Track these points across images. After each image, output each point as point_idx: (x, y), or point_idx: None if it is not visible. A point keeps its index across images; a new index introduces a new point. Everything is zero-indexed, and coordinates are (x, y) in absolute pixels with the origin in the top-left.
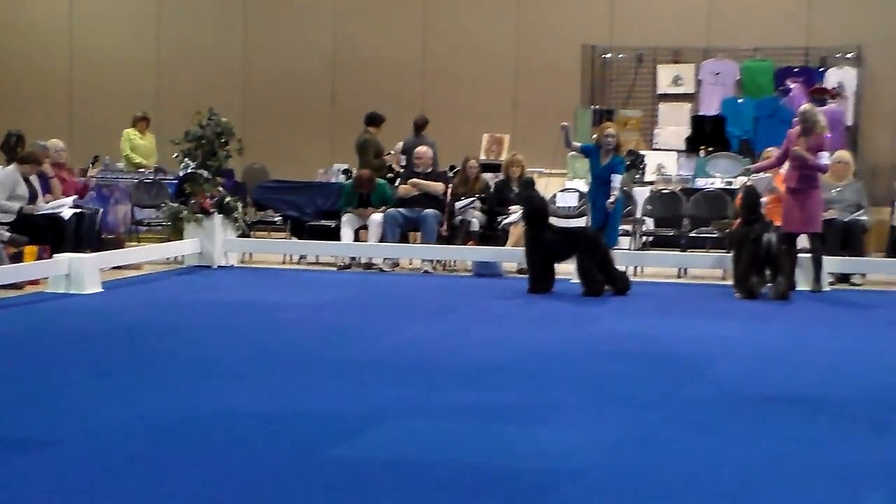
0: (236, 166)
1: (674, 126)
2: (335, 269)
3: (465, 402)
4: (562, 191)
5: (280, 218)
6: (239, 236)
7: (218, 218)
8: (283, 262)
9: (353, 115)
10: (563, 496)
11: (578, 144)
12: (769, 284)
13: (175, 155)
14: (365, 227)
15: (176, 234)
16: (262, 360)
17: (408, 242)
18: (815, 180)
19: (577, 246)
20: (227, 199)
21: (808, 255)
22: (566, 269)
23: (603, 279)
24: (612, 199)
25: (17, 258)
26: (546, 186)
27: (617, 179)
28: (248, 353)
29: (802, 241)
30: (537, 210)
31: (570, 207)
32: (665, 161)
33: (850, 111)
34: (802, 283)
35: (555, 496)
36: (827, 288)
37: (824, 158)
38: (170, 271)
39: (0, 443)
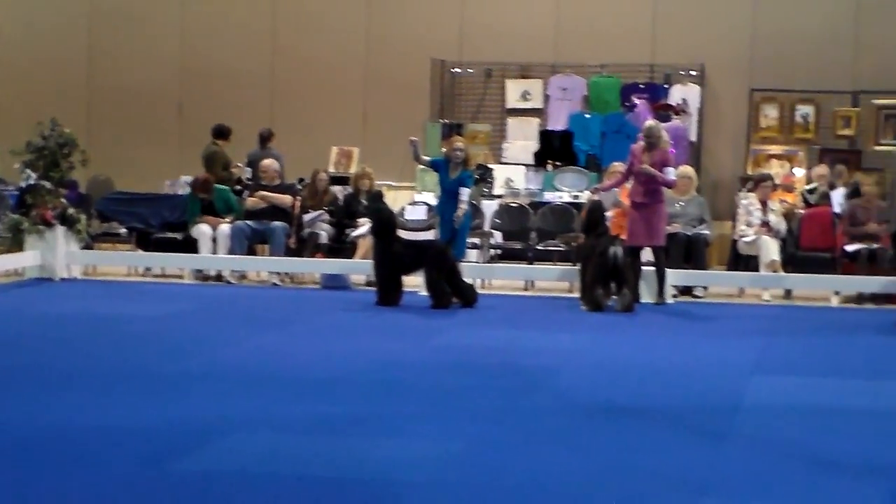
0: (81, 178)
1: (522, 140)
2: (193, 280)
3: (312, 414)
4: (411, 204)
5: (125, 230)
6: (82, 248)
7: (60, 229)
8: (129, 275)
9: (200, 126)
10: None
11: (427, 158)
12: (615, 297)
13: (17, 166)
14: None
15: (16, 246)
16: (103, 374)
17: (255, 255)
18: (660, 195)
19: (425, 258)
20: (70, 210)
21: (652, 268)
22: (414, 282)
23: (451, 292)
24: (460, 213)
25: None
26: (395, 199)
27: (465, 193)
28: (89, 366)
29: (647, 255)
30: (385, 223)
31: (418, 220)
32: (513, 175)
33: (693, 127)
34: (647, 296)
35: None
36: (670, 300)
37: (670, 174)
38: (9, 284)
39: None
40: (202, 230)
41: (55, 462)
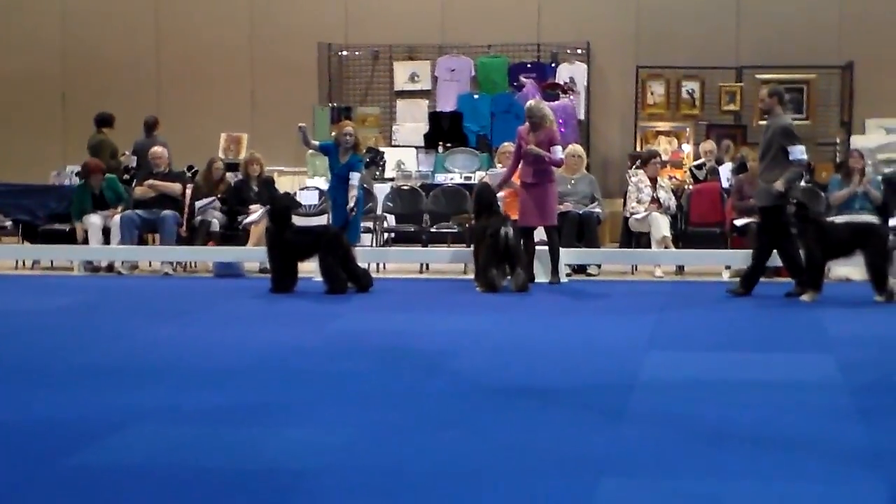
0: None
1: (412, 122)
2: (84, 272)
3: (208, 404)
4: (302, 189)
5: (10, 222)
6: None
7: None
8: (16, 268)
9: (85, 115)
10: (305, 496)
11: (317, 143)
12: (509, 278)
13: None
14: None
15: None
16: None
17: (146, 244)
18: (550, 174)
19: (319, 244)
20: None
21: (546, 247)
22: (309, 268)
23: (346, 277)
24: (352, 201)
25: None
26: (286, 185)
27: (356, 177)
28: None
29: (540, 234)
30: (281, 208)
31: (311, 206)
32: (404, 157)
33: (581, 105)
34: (542, 276)
35: (297, 496)
36: (565, 280)
37: (558, 152)
38: None
39: None
40: (92, 221)
41: None
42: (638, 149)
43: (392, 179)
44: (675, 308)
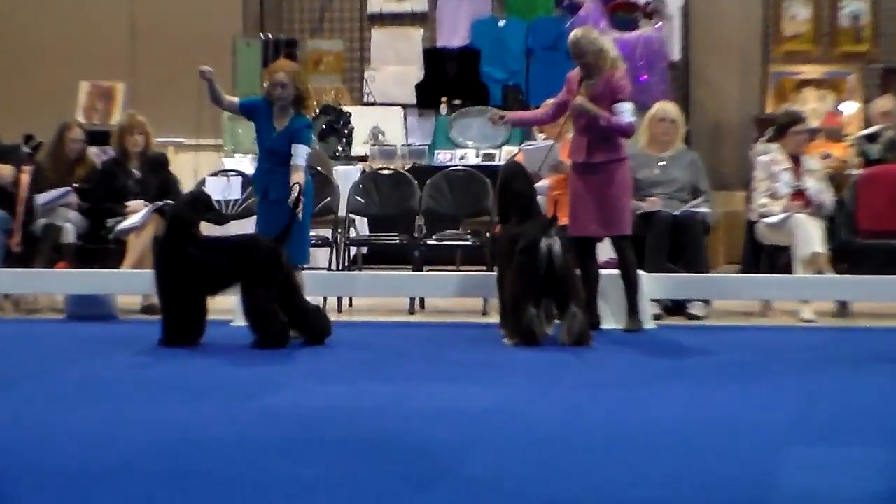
0: None
1: (396, 65)
2: None
3: None
4: (214, 175)
5: None
6: None
7: None
8: None
9: None
10: None
11: (235, 100)
12: (557, 321)
13: None
14: None
15: None
16: None
17: None
18: (616, 151)
19: (242, 267)
20: None
21: (616, 271)
22: (225, 306)
23: (286, 320)
24: (295, 189)
25: None
26: (188, 168)
27: (302, 154)
28: None
29: (607, 250)
30: (183, 207)
31: (229, 202)
32: (383, 122)
33: (675, 38)
34: (611, 318)
35: None
36: (650, 325)
37: (626, 113)
38: None
39: None
40: None
41: None
42: (769, 109)
43: (364, 158)
44: (834, 372)
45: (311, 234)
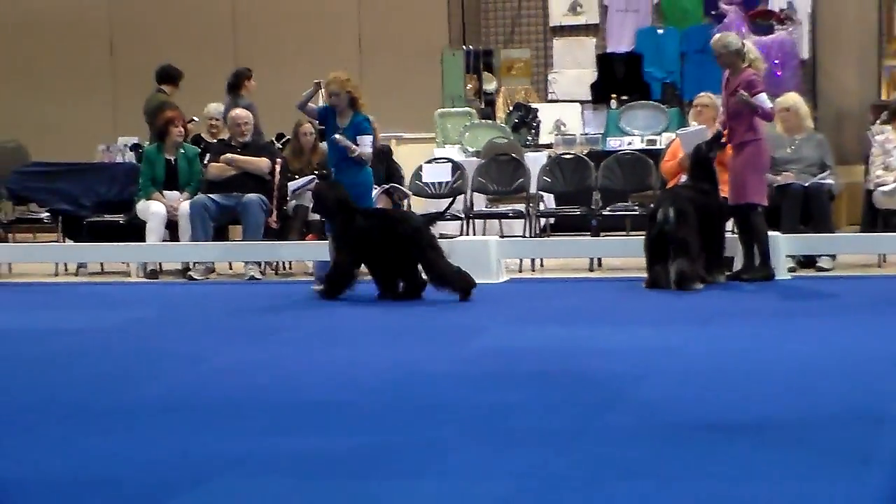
0: None
1: (574, 69)
2: (143, 277)
3: (310, 449)
4: (429, 162)
5: (47, 214)
6: None
7: None
8: (56, 275)
9: (140, 70)
10: None
11: (314, 107)
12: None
13: None
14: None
15: None
16: (30, 408)
17: (225, 239)
18: (754, 132)
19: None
20: None
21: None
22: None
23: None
24: (344, 140)
25: None
26: (408, 157)
27: (367, 141)
28: (8, 400)
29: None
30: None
31: (441, 184)
32: (565, 116)
33: (804, 40)
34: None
35: None
36: (787, 276)
37: (766, 102)
38: None
39: None
40: (153, 210)
41: None
42: (884, 97)
43: (549, 146)
44: None
45: (508, 208)
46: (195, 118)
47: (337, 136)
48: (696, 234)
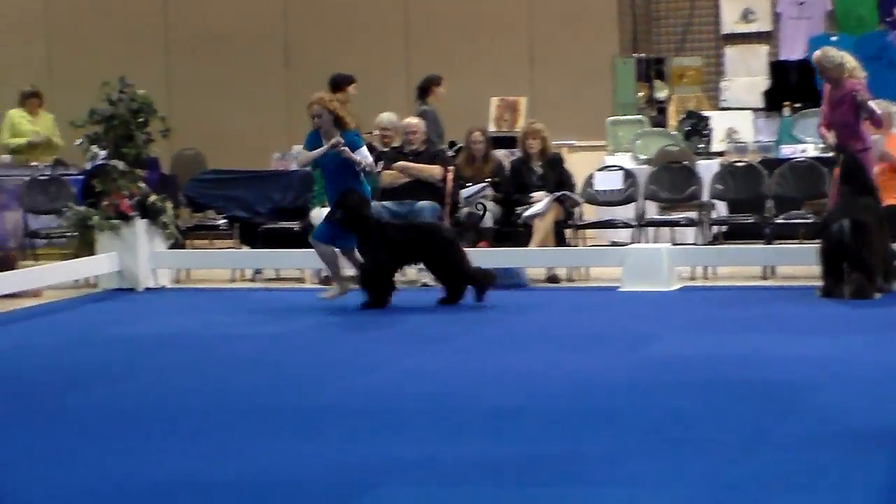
0: (162, 154)
1: (746, 76)
2: (317, 283)
3: (483, 457)
4: (601, 169)
5: (224, 220)
6: (171, 247)
7: (141, 224)
8: (233, 280)
9: (315, 79)
10: None
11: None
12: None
13: (78, 142)
14: None
15: (85, 247)
16: (210, 413)
17: None
18: (860, 139)
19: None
20: (152, 198)
21: None
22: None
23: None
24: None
25: None
26: (579, 164)
27: (364, 153)
28: (190, 403)
29: None
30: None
31: (612, 191)
32: (737, 124)
33: None
34: None
35: None
36: None
37: (876, 108)
38: (80, 298)
39: None
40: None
41: None
42: None
43: (721, 154)
44: None
45: (680, 216)
46: (373, 131)
47: (341, 145)
48: (872, 245)
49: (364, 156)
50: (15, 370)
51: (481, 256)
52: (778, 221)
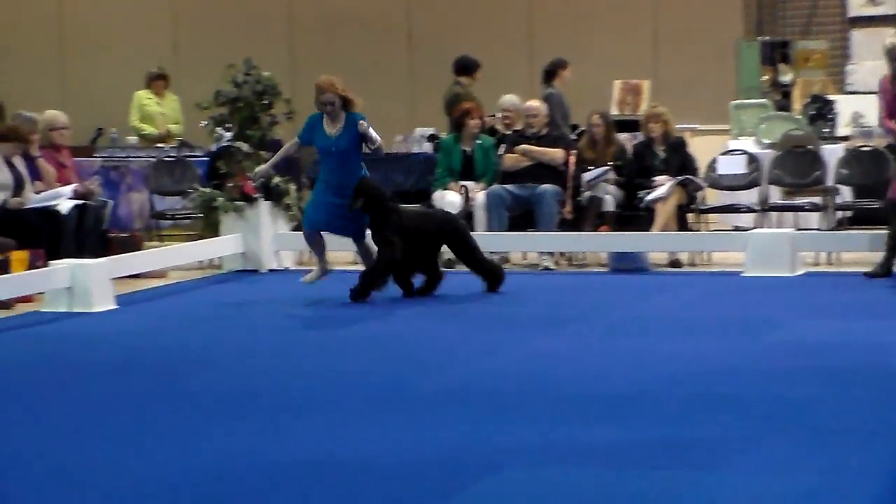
0: (286, 136)
1: (872, 61)
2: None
3: (606, 440)
4: (724, 154)
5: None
6: (294, 229)
7: (265, 205)
8: (355, 262)
9: (437, 62)
10: None
11: (290, 145)
12: None
13: (203, 123)
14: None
15: (210, 228)
16: (334, 393)
17: (519, 229)
18: None
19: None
20: (276, 179)
21: None
22: None
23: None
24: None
25: (2, 267)
26: (703, 148)
27: (370, 131)
28: (314, 384)
29: None
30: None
31: (736, 175)
32: (863, 108)
33: None
34: None
35: None
36: None
37: None
38: (204, 279)
39: None
40: (449, 199)
41: (286, 501)
42: None
43: (846, 138)
44: None
45: (804, 200)
46: (495, 114)
47: (363, 123)
48: None
49: (375, 134)
50: (141, 350)
51: (603, 240)
52: None
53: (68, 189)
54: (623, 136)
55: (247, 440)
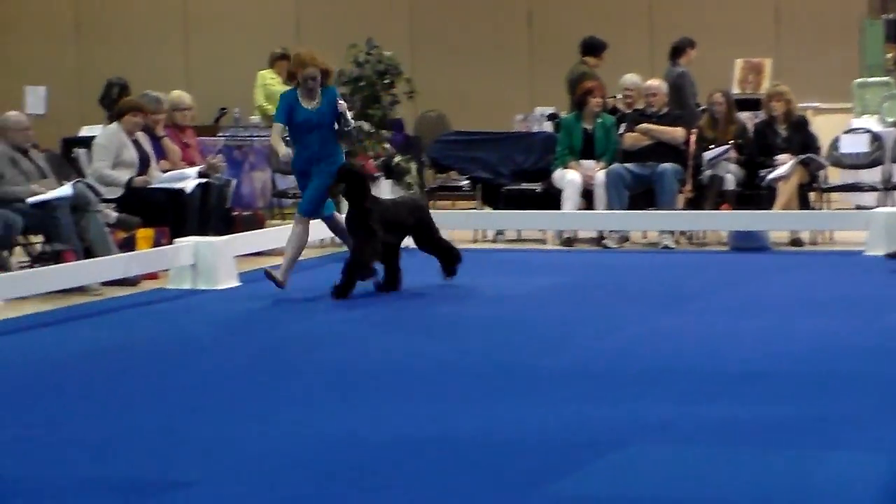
0: (406, 115)
1: None
2: (559, 245)
3: (723, 419)
4: (847, 132)
5: (467, 181)
6: None
7: (386, 184)
8: (475, 241)
9: (558, 41)
10: None
11: (276, 129)
12: None
13: None
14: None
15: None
16: (455, 371)
17: (639, 208)
18: None
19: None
20: (397, 158)
21: None
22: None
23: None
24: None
25: (128, 245)
26: (824, 126)
27: (343, 106)
28: (435, 361)
29: None
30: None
31: (858, 154)
32: None
33: None
34: None
35: None
36: None
37: None
38: (326, 256)
39: (115, 487)
40: (569, 178)
41: (404, 483)
42: None
43: None
44: None
45: None
46: (616, 95)
47: (342, 103)
48: None
49: (345, 109)
50: (262, 328)
51: (724, 219)
52: None
53: (193, 170)
54: (744, 115)
55: (363, 415)
